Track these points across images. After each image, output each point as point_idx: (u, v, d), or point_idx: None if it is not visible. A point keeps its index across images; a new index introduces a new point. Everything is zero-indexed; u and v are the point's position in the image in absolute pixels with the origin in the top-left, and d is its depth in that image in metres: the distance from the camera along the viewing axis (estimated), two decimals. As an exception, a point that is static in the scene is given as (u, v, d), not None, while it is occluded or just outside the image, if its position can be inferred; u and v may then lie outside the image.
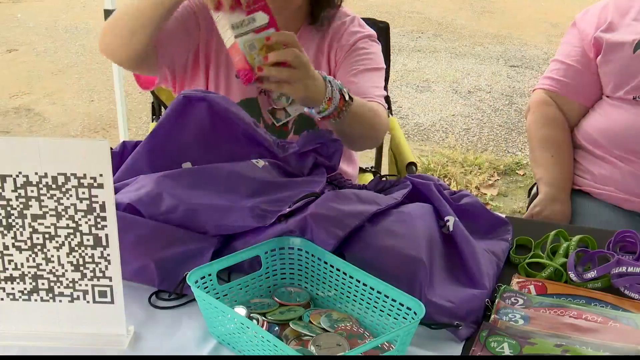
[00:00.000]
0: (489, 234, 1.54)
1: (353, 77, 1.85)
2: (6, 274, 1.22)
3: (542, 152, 2.11)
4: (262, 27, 1.48)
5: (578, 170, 2.10)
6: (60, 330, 1.24)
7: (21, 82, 5.26)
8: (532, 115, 2.18)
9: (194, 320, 1.27)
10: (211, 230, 1.41)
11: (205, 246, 1.38)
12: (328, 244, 1.35)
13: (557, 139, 2.11)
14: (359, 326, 1.26)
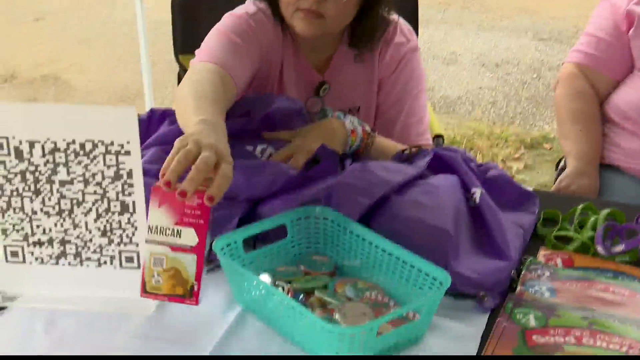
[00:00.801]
0: (515, 206, 1.53)
1: (399, 102, 1.86)
2: (34, 239, 1.24)
3: (571, 125, 2.09)
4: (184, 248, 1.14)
5: (607, 144, 2.09)
6: (87, 294, 1.25)
7: (48, 51, 5.28)
8: (562, 89, 2.16)
9: (220, 287, 1.28)
10: (242, 192, 1.41)
11: (231, 213, 1.39)
12: (354, 212, 1.35)
13: (586, 113, 2.10)
14: (384, 295, 1.26)
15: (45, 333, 1.21)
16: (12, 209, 1.22)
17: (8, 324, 1.24)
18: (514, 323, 1.22)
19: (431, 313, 1.19)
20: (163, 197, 1.12)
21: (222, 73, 1.56)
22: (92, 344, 1.19)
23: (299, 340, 1.17)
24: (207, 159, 1.12)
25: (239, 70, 1.62)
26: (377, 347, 1.13)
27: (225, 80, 1.56)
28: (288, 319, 1.16)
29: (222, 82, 1.53)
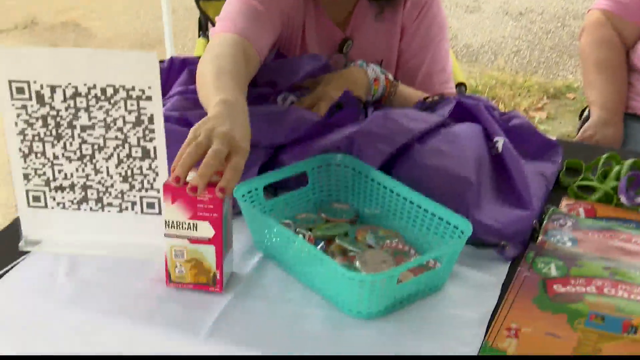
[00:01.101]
0: (538, 155, 1.52)
1: (422, 50, 1.83)
2: (56, 183, 1.24)
3: (596, 74, 2.07)
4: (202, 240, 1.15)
5: (632, 93, 2.06)
6: (109, 239, 1.26)
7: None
8: (587, 37, 2.13)
9: (240, 233, 1.28)
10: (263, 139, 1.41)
11: (252, 160, 1.38)
12: (375, 160, 1.35)
13: (611, 61, 2.07)
14: (405, 243, 1.26)
15: (67, 277, 1.22)
16: (33, 153, 1.22)
17: (30, 268, 1.25)
18: (535, 272, 1.22)
19: (452, 262, 1.18)
20: (175, 194, 1.12)
21: (245, 44, 1.53)
22: (113, 288, 1.20)
23: (319, 287, 1.17)
24: (217, 152, 1.11)
25: (261, 39, 1.59)
26: (398, 295, 1.14)
27: (248, 51, 1.53)
28: (308, 266, 1.17)
29: (244, 54, 1.50)
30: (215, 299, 1.17)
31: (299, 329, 1.12)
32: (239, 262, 1.25)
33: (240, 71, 1.43)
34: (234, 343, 1.10)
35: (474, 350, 1.08)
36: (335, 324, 1.13)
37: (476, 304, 1.17)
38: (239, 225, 1.29)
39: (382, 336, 1.11)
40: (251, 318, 1.14)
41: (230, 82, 1.35)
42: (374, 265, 1.19)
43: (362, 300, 1.11)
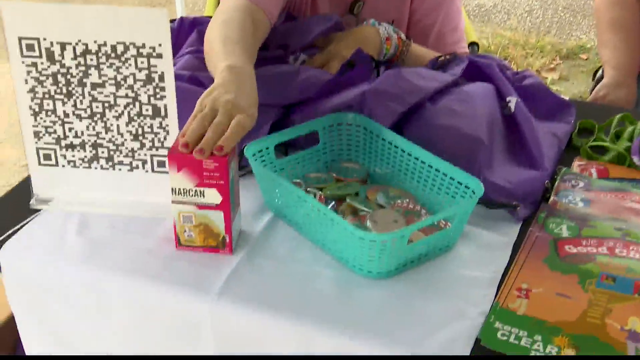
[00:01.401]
0: (551, 115, 1.51)
1: (434, 9, 1.81)
2: (67, 142, 1.24)
3: (611, 34, 2.04)
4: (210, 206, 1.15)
5: (647, 53, 2.04)
6: (120, 198, 1.26)
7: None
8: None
9: (251, 192, 1.28)
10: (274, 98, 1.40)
11: (263, 119, 1.37)
12: (387, 120, 1.34)
13: (627, 21, 2.04)
14: (416, 203, 1.26)
15: (78, 236, 1.23)
16: (44, 111, 1.22)
17: (42, 226, 1.25)
18: (546, 233, 1.22)
19: (463, 222, 1.18)
20: (181, 162, 1.11)
21: (253, 9, 1.49)
22: (124, 246, 1.21)
23: (329, 247, 1.17)
24: (217, 125, 1.11)
25: (271, 2, 1.55)
26: (408, 255, 1.13)
27: (257, 16, 1.50)
28: (319, 225, 1.16)
29: (252, 20, 1.47)
30: (225, 258, 1.18)
31: (309, 289, 1.12)
32: (250, 221, 1.25)
33: (247, 38, 1.41)
34: (244, 302, 1.10)
35: (484, 310, 1.08)
36: (345, 283, 1.13)
37: (487, 264, 1.17)
38: (249, 184, 1.29)
39: (392, 296, 1.11)
40: (261, 277, 1.15)
41: (237, 49, 1.34)
42: (384, 224, 1.19)
43: (372, 259, 1.11)
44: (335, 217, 1.12)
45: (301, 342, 1.08)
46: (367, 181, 1.34)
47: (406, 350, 1.03)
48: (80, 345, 1.25)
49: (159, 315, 1.16)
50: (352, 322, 1.07)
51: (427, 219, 1.15)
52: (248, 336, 1.11)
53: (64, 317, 1.23)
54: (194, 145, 1.10)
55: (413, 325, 1.06)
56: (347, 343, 1.05)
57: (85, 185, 1.27)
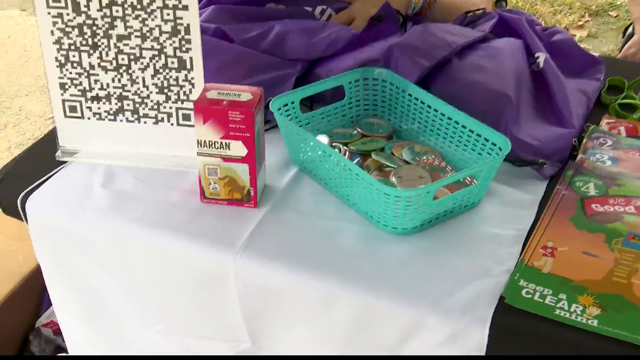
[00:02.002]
0: (580, 72, 1.48)
1: None
2: (92, 94, 1.23)
3: (642, -11, 2.00)
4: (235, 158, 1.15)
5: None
6: (145, 151, 1.26)
7: None
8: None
9: (276, 147, 1.28)
10: (300, 52, 1.39)
11: (288, 73, 1.37)
12: (413, 75, 1.32)
13: (659, -24, 2.00)
14: (442, 160, 1.25)
15: (103, 188, 1.23)
16: (70, 63, 1.21)
17: (67, 178, 1.26)
18: (573, 191, 1.20)
19: (489, 179, 1.17)
20: (207, 114, 1.11)
21: None
22: (148, 199, 1.21)
23: (354, 202, 1.17)
24: None
25: None
26: (433, 211, 1.13)
27: None
28: (344, 180, 1.16)
29: None
30: (250, 212, 1.17)
31: (333, 244, 1.12)
32: (274, 176, 1.24)
33: None
34: (268, 256, 1.10)
35: (508, 268, 1.07)
36: (369, 239, 1.13)
37: (512, 222, 1.16)
38: (274, 138, 1.28)
39: (416, 252, 1.11)
40: (285, 232, 1.14)
41: None
42: (409, 181, 1.18)
43: (397, 216, 1.11)
44: (360, 172, 1.11)
45: (324, 298, 1.08)
46: (393, 137, 1.33)
47: (429, 307, 1.03)
48: (104, 296, 1.27)
49: (182, 269, 1.16)
50: (376, 278, 1.07)
51: (453, 176, 1.14)
52: (271, 291, 1.11)
53: (88, 269, 1.24)
54: None
55: (437, 281, 1.06)
56: (371, 299, 1.05)
57: (110, 137, 1.27)
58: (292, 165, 1.27)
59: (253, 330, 1.18)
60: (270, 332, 1.17)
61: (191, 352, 1.26)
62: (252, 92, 1.13)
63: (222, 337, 1.21)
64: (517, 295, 1.03)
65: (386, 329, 1.07)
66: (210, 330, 1.22)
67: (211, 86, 1.15)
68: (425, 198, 1.09)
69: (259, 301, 1.14)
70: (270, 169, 1.24)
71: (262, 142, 1.18)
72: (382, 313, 1.05)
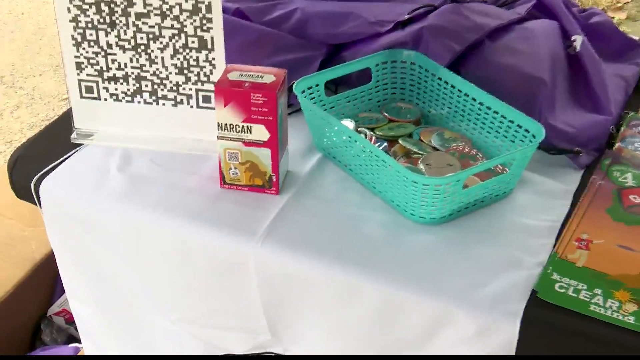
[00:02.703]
0: (619, 56, 1.47)
1: None
2: (109, 74, 1.24)
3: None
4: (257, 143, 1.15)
5: None
6: (163, 134, 1.27)
7: None
8: None
9: (299, 131, 1.28)
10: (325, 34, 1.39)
11: (313, 55, 1.36)
12: (443, 58, 1.32)
13: None
14: (472, 147, 1.24)
15: (119, 171, 1.24)
16: (86, 41, 1.22)
17: (83, 161, 1.27)
18: (609, 181, 1.19)
19: (521, 167, 1.16)
20: (228, 96, 1.11)
21: None
22: (166, 183, 1.21)
23: (380, 189, 1.17)
24: None
25: None
26: (463, 201, 1.12)
27: None
28: (370, 167, 1.16)
29: None
30: (271, 199, 1.18)
31: (358, 232, 1.12)
32: (297, 161, 1.25)
33: None
34: (290, 244, 1.11)
35: (541, 261, 1.07)
36: (395, 228, 1.13)
37: (545, 212, 1.16)
38: (298, 122, 1.28)
39: (444, 243, 1.11)
40: (308, 220, 1.15)
41: None
42: (438, 168, 1.18)
43: (425, 204, 1.10)
44: (387, 158, 1.11)
45: (346, 289, 1.08)
46: (421, 122, 1.32)
47: (456, 299, 1.03)
48: (118, 285, 1.27)
49: (199, 257, 1.17)
50: (401, 269, 1.07)
51: (484, 163, 1.13)
52: (292, 280, 1.12)
53: (102, 255, 1.25)
54: None
55: (465, 273, 1.06)
56: (395, 291, 1.05)
57: (127, 120, 1.27)
58: (315, 151, 1.27)
59: (272, 322, 1.18)
60: (290, 323, 1.18)
61: (207, 343, 1.27)
62: (275, 74, 1.13)
63: (240, 328, 1.22)
64: (550, 290, 1.02)
65: (411, 322, 1.07)
66: (228, 320, 1.22)
67: (233, 67, 1.15)
68: (455, 186, 1.09)
69: (279, 291, 1.14)
70: (292, 155, 1.24)
71: (285, 126, 1.18)
72: (406, 305, 1.05)
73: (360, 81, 1.34)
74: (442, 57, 1.32)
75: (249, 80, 1.12)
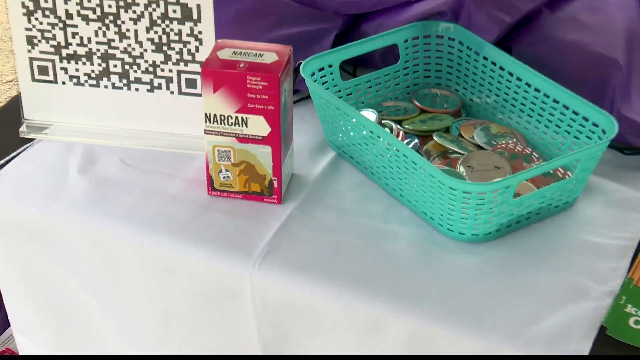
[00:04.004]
0: None
1: None
2: (69, 51, 1.25)
3: None
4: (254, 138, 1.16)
5: None
6: (136, 127, 1.28)
7: None
8: None
9: (308, 125, 1.29)
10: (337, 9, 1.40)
11: (325, 28, 1.38)
12: (490, 32, 1.33)
13: None
14: (526, 145, 1.26)
15: (80, 174, 1.25)
16: (40, 10, 1.23)
17: (35, 161, 1.28)
18: (699, 189, 1.21)
19: (588, 171, 1.17)
20: (219, 80, 1.12)
21: None
22: (140, 190, 1.23)
23: (409, 198, 1.18)
24: None
25: None
26: (514, 213, 1.13)
27: None
28: (396, 169, 1.17)
29: None
30: (272, 209, 1.19)
31: (381, 252, 1.13)
32: (305, 162, 1.26)
33: None
34: (297, 267, 1.11)
35: (612, 289, 1.08)
36: (428, 247, 1.14)
37: (618, 228, 1.17)
38: (305, 113, 1.30)
39: (490, 265, 1.12)
40: (318, 236, 1.16)
41: None
42: (483, 171, 1.19)
43: (466, 217, 1.12)
44: (418, 159, 1.12)
45: (368, 323, 1.09)
46: (461, 113, 1.34)
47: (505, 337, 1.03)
48: (82, 315, 1.28)
49: (182, 281, 1.18)
50: (435, 298, 1.08)
51: (541, 166, 1.14)
52: (299, 312, 1.13)
53: (59, 278, 1.26)
54: None
55: (517, 305, 1.07)
56: (428, 325, 1.06)
57: (91, 109, 1.28)
58: (328, 149, 1.29)
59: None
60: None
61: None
62: (278, 52, 1.15)
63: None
64: (622, 325, 1.03)
65: (448, 364, 1.08)
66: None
67: (224, 43, 1.17)
68: (504, 195, 1.10)
69: (281, 325, 1.15)
70: (299, 153, 1.26)
71: (290, 119, 1.20)
72: (443, 344, 1.06)
73: (384, 61, 1.36)
74: (488, 31, 1.33)
75: (245, 59, 1.13)
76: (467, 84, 1.35)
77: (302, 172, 1.25)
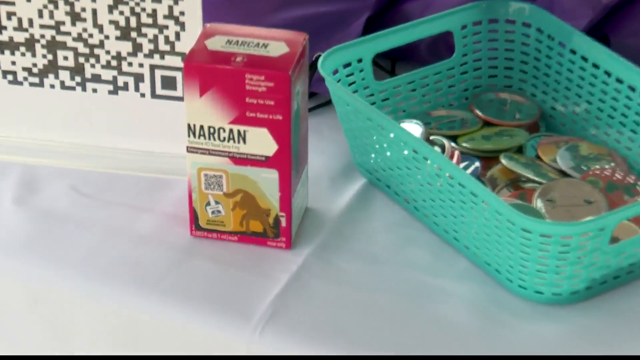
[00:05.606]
0: None
1: None
2: (3, 37, 1.26)
3: None
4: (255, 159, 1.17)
5: None
6: (93, 142, 1.29)
7: None
8: None
9: (329, 141, 1.31)
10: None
11: (353, 8, 1.39)
12: (581, 17, 1.34)
13: None
14: (628, 171, 1.26)
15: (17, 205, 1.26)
16: (-36, -18, 1.25)
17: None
18: None
19: None
20: (206, 79, 1.12)
21: None
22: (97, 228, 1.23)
23: (467, 243, 1.18)
24: None
25: None
26: (611, 265, 1.13)
27: None
28: (450, 203, 1.17)
29: None
30: (278, 257, 1.20)
31: (429, 316, 1.14)
32: (324, 191, 1.27)
33: None
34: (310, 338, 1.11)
35: None
36: (494, 310, 1.15)
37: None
38: (325, 125, 1.31)
39: (578, 336, 1.12)
40: (341, 295, 1.16)
41: None
42: (568, 207, 1.19)
43: (545, 270, 1.12)
44: (479, 189, 1.12)
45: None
46: (540, 127, 1.34)
47: None
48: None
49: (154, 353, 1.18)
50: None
51: (648, 201, 1.15)
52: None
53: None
54: None
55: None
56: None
57: (33, 116, 1.29)
58: (356, 174, 1.30)
59: None
60: None
61: None
62: (288, 41, 1.15)
63: None
64: None
65: None
66: None
67: (215, 28, 1.17)
68: (596, 240, 1.10)
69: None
70: (316, 180, 1.27)
71: (304, 132, 1.20)
72: None
73: (434, 55, 1.36)
74: (578, 16, 1.34)
75: (243, 51, 1.13)
76: (547, 87, 1.36)
77: (319, 205, 1.26)
